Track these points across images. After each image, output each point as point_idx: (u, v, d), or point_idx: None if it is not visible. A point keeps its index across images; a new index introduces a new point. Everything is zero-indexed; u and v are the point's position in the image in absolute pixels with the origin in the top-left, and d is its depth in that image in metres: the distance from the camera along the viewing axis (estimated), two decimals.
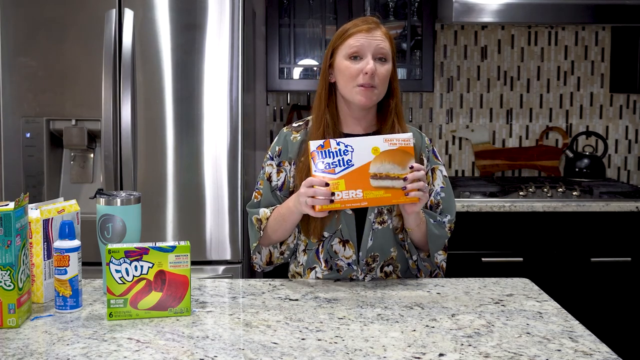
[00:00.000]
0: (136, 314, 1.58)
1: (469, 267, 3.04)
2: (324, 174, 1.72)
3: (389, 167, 1.73)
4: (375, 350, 1.41)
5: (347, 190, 1.72)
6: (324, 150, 1.73)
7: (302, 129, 2.01)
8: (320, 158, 1.73)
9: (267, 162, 2.01)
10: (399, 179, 1.73)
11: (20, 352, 1.39)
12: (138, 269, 1.58)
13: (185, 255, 1.60)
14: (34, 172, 2.77)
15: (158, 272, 1.59)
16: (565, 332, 1.52)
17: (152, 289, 1.59)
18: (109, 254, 1.57)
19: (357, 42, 1.89)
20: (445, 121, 3.72)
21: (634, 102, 3.74)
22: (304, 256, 1.99)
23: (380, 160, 1.73)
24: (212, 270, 2.79)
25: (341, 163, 1.72)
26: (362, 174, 1.72)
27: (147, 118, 2.75)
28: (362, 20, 1.94)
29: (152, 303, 1.59)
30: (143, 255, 1.58)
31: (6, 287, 1.52)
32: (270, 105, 3.69)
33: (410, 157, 1.74)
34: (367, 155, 1.73)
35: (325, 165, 1.73)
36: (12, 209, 1.50)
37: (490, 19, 3.21)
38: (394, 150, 1.74)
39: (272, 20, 3.36)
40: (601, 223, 3.10)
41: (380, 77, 1.89)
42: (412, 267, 2.01)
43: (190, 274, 1.62)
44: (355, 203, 1.73)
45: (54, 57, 2.74)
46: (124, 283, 1.58)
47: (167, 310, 1.60)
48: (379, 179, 1.73)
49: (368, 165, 1.72)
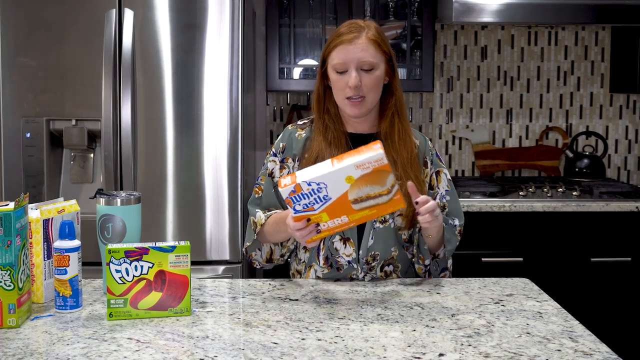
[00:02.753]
0: (136, 314, 1.58)
1: (469, 267, 3.04)
2: (305, 212, 1.67)
3: (367, 189, 1.66)
4: (375, 350, 1.41)
5: (332, 220, 1.68)
6: (296, 195, 1.65)
7: (307, 126, 2.02)
8: (297, 202, 1.66)
9: (269, 158, 2.01)
10: (381, 195, 1.67)
11: (20, 352, 1.39)
12: (138, 269, 1.58)
13: (185, 255, 1.60)
14: (34, 172, 2.77)
15: (158, 272, 1.59)
16: (565, 332, 1.52)
17: (152, 289, 1.59)
18: (109, 254, 1.57)
19: (340, 57, 1.87)
20: (445, 121, 3.72)
21: (634, 102, 3.74)
22: (305, 254, 1.99)
23: (357, 186, 1.65)
24: (212, 270, 2.79)
25: (318, 200, 1.65)
26: (343, 203, 1.66)
27: (147, 118, 2.75)
28: (347, 27, 1.91)
29: (152, 303, 1.59)
30: (143, 255, 1.58)
31: (6, 287, 1.52)
32: (270, 105, 3.69)
33: (387, 173, 1.65)
34: (342, 186, 1.65)
35: (302, 206, 1.66)
36: (12, 209, 1.50)
37: (490, 19, 3.21)
38: (368, 174, 1.64)
39: (272, 20, 3.36)
40: (601, 223, 3.10)
41: (367, 86, 1.88)
42: (419, 271, 2.00)
43: (190, 274, 1.62)
44: (344, 227, 1.70)
45: (54, 57, 2.74)
46: (124, 283, 1.58)
47: (167, 310, 1.60)
48: (361, 202, 1.67)
49: (346, 193, 1.65)
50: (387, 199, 1.67)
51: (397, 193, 1.67)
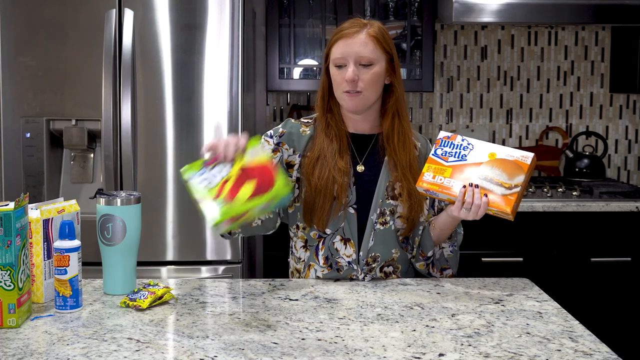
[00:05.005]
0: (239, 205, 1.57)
1: (469, 267, 3.03)
2: (438, 158, 1.83)
3: (497, 172, 1.77)
4: (375, 350, 1.41)
5: (449, 179, 1.80)
6: (448, 141, 1.84)
7: (310, 124, 2.01)
8: (442, 146, 1.84)
9: (264, 137, 1.99)
10: (501, 185, 1.76)
11: (20, 352, 1.39)
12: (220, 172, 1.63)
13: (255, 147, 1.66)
14: (34, 172, 2.77)
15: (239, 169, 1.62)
16: (565, 332, 1.52)
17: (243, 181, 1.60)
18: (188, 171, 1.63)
19: (340, 51, 1.90)
20: (445, 121, 3.72)
21: (634, 102, 3.74)
22: (305, 252, 1.99)
23: (491, 165, 1.78)
24: (212, 270, 2.79)
25: (457, 156, 1.81)
26: (469, 170, 1.79)
27: (147, 118, 2.75)
28: (350, 22, 1.94)
29: (249, 193, 1.59)
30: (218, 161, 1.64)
31: (6, 287, 1.52)
32: (270, 105, 3.69)
33: (521, 172, 1.76)
34: (482, 156, 1.79)
35: (442, 152, 1.83)
36: (12, 209, 1.50)
37: (490, 19, 3.21)
38: (508, 161, 1.77)
39: (272, 20, 3.36)
40: (601, 223, 3.10)
41: (365, 81, 1.89)
42: (421, 268, 2.01)
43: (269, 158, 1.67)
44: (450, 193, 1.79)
45: (54, 57, 2.74)
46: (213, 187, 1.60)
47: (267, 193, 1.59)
48: (483, 179, 1.77)
49: (479, 165, 1.79)
50: (502, 193, 1.76)
51: (514, 194, 1.75)
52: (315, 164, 1.91)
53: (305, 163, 1.94)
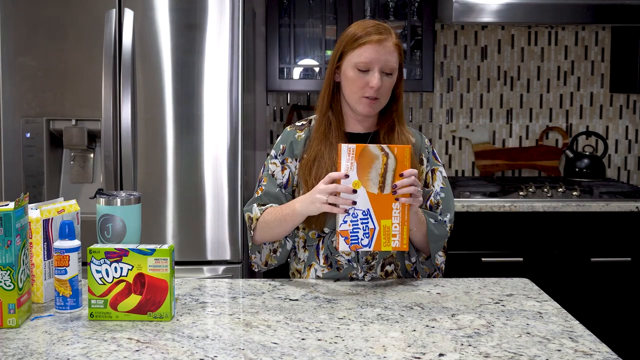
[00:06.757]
0: (116, 315, 1.57)
1: (469, 267, 3.04)
2: None
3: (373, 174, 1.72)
4: (375, 350, 1.41)
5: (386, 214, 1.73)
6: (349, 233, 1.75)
7: (305, 127, 2.02)
8: None
9: (270, 160, 2.01)
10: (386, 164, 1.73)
11: (20, 352, 1.39)
12: (118, 271, 1.56)
13: (165, 259, 1.56)
14: (34, 172, 2.77)
15: (137, 275, 1.56)
16: (565, 332, 1.52)
17: (131, 292, 1.56)
18: (90, 254, 1.56)
19: (367, 56, 1.87)
20: (445, 121, 3.72)
21: (634, 102, 3.74)
22: (304, 252, 1.99)
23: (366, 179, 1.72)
24: (212, 270, 2.79)
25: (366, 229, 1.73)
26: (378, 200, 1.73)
27: (147, 118, 2.75)
28: (374, 27, 1.91)
29: (131, 306, 1.57)
30: (123, 257, 1.56)
31: (6, 287, 1.52)
32: (270, 105, 3.69)
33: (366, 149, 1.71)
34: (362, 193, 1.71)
35: None
36: (12, 209, 1.50)
37: (490, 19, 3.21)
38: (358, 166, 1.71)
39: (272, 20, 3.36)
40: (601, 223, 3.10)
41: (384, 89, 1.90)
42: (409, 268, 2.01)
43: (171, 279, 1.57)
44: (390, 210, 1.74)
45: (54, 57, 2.74)
46: (104, 284, 1.56)
47: (146, 314, 1.57)
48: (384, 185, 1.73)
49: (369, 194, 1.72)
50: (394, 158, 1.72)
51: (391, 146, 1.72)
52: (312, 165, 1.92)
53: (302, 164, 1.95)
